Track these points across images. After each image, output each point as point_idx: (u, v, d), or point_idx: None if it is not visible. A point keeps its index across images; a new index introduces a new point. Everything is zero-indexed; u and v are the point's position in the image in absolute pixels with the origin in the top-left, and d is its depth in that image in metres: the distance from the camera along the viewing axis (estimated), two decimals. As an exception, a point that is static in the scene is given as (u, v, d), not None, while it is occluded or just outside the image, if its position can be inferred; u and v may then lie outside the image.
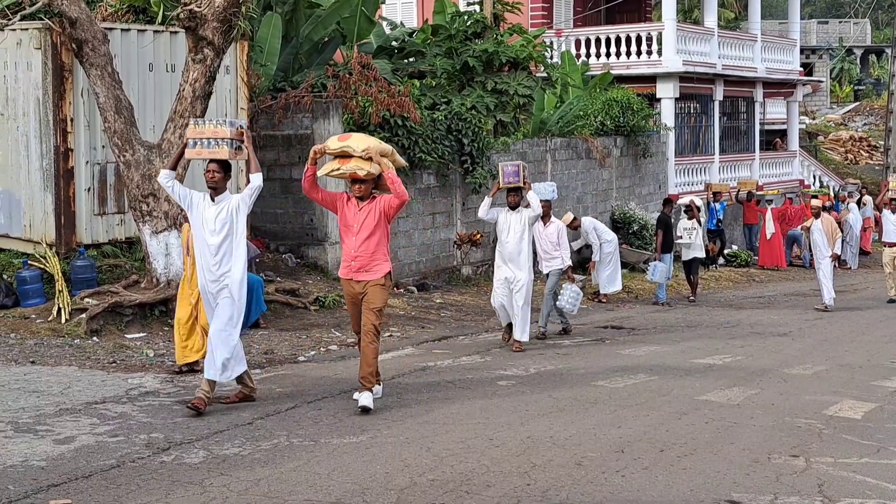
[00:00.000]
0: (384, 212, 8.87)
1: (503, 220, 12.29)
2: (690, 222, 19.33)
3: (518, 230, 12.18)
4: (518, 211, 12.23)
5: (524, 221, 12.20)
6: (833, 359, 12.31)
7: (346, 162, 8.72)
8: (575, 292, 13.60)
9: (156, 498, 6.22)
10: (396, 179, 8.84)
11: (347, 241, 8.92)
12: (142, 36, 13.56)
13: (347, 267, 8.93)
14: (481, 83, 20.12)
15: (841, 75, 52.11)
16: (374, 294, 8.84)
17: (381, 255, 8.89)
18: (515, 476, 6.82)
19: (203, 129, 8.70)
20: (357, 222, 8.85)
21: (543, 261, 13.82)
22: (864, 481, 6.88)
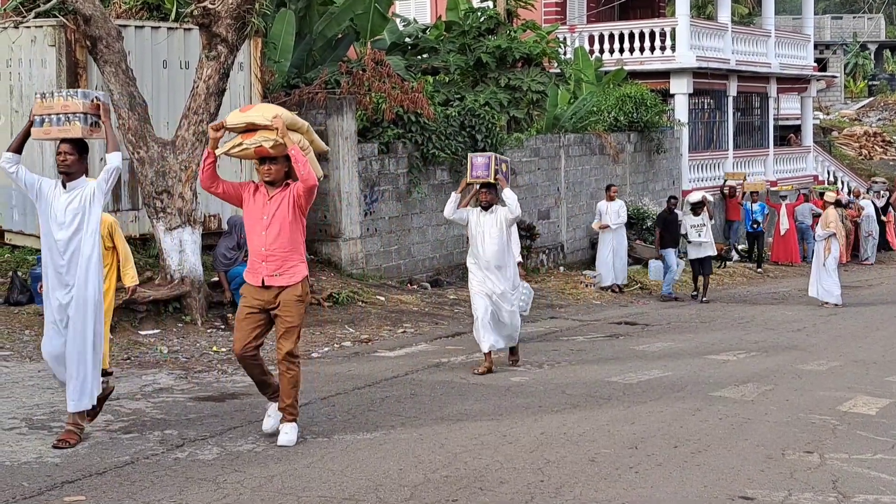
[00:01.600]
0: (296, 201, 7.44)
1: (475, 223, 10.45)
2: (699, 218, 18.33)
3: (495, 234, 10.37)
4: (492, 211, 10.42)
5: (500, 223, 10.38)
6: (847, 355, 12.26)
7: (250, 136, 7.33)
8: (526, 289, 11.99)
9: (169, 494, 6.23)
10: (302, 159, 7.33)
11: (255, 239, 7.45)
12: (156, 33, 13.59)
13: (255, 270, 7.44)
14: (494, 79, 20.12)
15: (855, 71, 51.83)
16: (289, 308, 7.37)
17: (298, 254, 7.51)
18: (529, 472, 6.81)
19: (51, 103, 7.35)
20: (267, 214, 7.39)
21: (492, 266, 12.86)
22: (879, 477, 6.85)
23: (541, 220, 20.29)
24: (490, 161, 10.38)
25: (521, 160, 19.78)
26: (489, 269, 10.40)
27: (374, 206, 16.51)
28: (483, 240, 10.38)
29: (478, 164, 10.43)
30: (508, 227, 10.46)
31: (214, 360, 10.69)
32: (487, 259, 10.39)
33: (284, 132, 7.22)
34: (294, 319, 7.39)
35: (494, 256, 10.37)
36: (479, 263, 10.46)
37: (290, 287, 7.40)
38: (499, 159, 10.50)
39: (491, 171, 10.34)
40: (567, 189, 21.13)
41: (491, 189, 10.42)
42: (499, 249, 10.37)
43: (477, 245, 10.44)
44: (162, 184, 12.14)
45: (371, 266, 16.36)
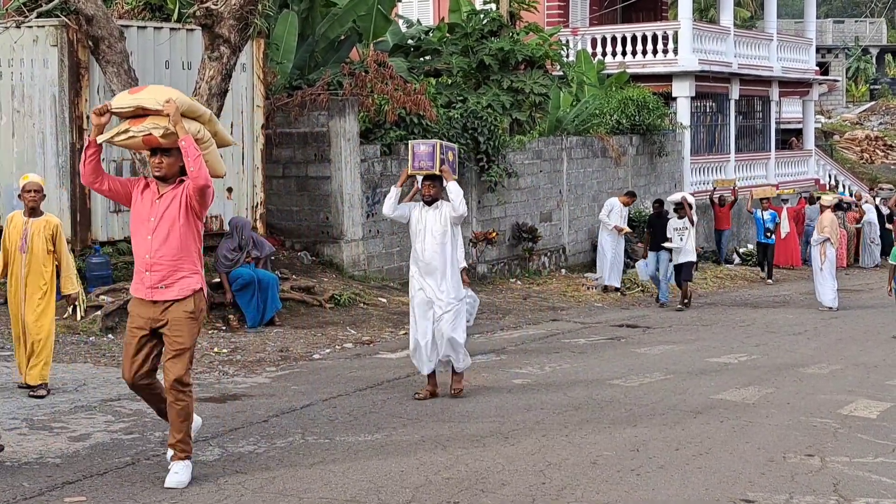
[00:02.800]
0: (189, 202, 6.43)
1: (416, 220, 9.23)
2: (681, 221, 17.33)
3: (437, 233, 9.12)
4: (437, 207, 9.19)
5: (445, 221, 9.16)
6: (848, 358, 12.26)
7: (139, 122, 6.38)
8: (471, 297, 10.87)
9: (170, 496, 6.23)
10: (194, 152, 6.30)
11: (140, 244, 6.50)
12: (158, 33, 13.59)
13: (140, 281, 6.51)
14: (497, 81, 20.11)
15: (857, 75, 51.83)
16: (178, 327, 6.40)
17: (189, 263, 6.47)
18: (530, 474, 6.81)
19: None
20: (155, 215, 6.43)
21: None
22: (880, 481, 6.84)
23: (543, 223, 20.29)
24: (435, 149, 9.11)
25: (524, 162, 19.78)
26: (429, 273, 9.14)
27: (377, 208, 16.50)
28: (424, 238, 9.16)
29: (421, 153, 9.18)
30: (453, 226, 9.25)
31: (216, 362, 10.69)
32: (427, 261, 9.13)
33: (177, 119, 6.28)
34: (184, 340, 6.40)
35: (435, 258, 9.13)
36: (417, 266, 9.24)
37: (179, 302, 6.41)
38: (445, 147, 9.24)
39: (436, 161, 9.08)
40: (569, 192, 21.13)
41: (436, 181, 9.18)
42: (441, 251, 9.12)
43: (416, 245, 9.21)
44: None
45: (373, 267, 16.36)
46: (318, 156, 15.78)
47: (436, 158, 9.11)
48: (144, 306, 6.49)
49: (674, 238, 17.31)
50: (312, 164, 15.84)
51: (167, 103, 6.29)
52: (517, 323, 14.64)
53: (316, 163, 15.81)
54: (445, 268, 9.17)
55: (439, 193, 9.25)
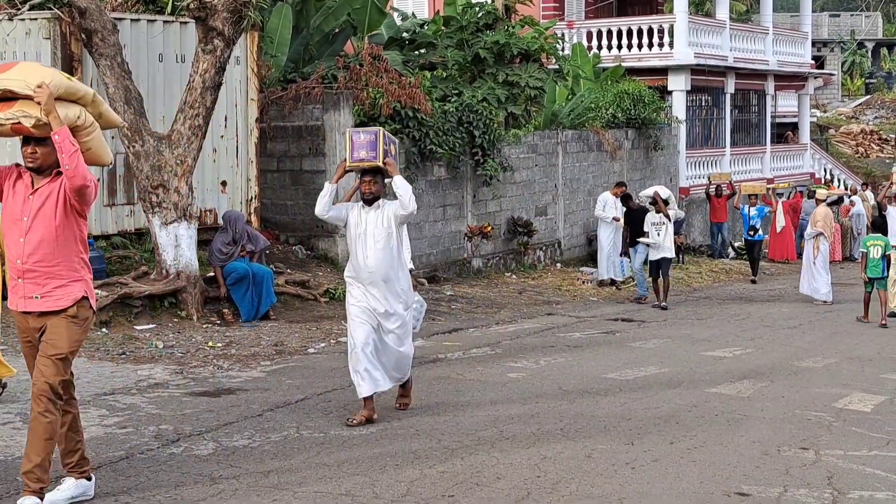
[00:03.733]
0: (67, 198, 5.64)
1: (355, 223, 8.02)
2: (658, 216, 16.70)
3: (381, 237, 7.94)
4: (379, 207, 8.00)
5: (388, 222, 7.98)
6: (843, 352, 12.27)
7: (6, 107, 5.57)
8: (418, 303, 9.91)
9: (165, 490, 6.22)
10: (70, 148, 5.48)
11: (12, 247, 5.69)
12: (151, 26, 13.54)
13: (13, 290, 5.74)
14: (492, 75, 20.07)
15: (852, 68, 51.84)
16: (56, 331, 5.64)
17: (68, 269, 5.69)
18: (525, 468, 6.80)
19: None
20: (28, 213, 5.65)
21: None
22: (874, 474, 6.85)
23: (538, 217, 20.28)
24: (377, 139, 7.91)
25: (519, 156, 19.75)
26: (373, 283, 7.96)
27: (371, 202, 16.46)
28: (365, 244, 7.95)
29: (360, 143, 7.94)
30: (399, 226, 8.08)
31: (210, 356, 10.67)
32: (371, 270, 7.93)
33: (50, 108, 5.45)
34: (60, 344, 5.61)
35: (380, 266, 7.93)
36: (358, 276, 8.01)
37: (57, 314, 5.66)
38: (387, 137, 8.04)
39: (378, 152, 7.89)
40: (564, 185, 21.11)
41: (377, 177, 8.01)
42: (385, 257, 7.95)
43: (357, 252, 8.00)
44: (157, 178, 12.11)
45: (367, 261, 16.31)
46: (313, 149, 15.74)
47: (378, 149, 7.88)
48: (22, 318, 5.76)
49: (650, 233, 16.69)
50: (307, 158, 15.81)
51: (39, 89, 5.46)
52: (512, 317, 14.63)
53: (310, 156, 15.78)
54: (390, 275, 8.00)
55: (381, 191, 8.07)
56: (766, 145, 30.10)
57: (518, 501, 6.13)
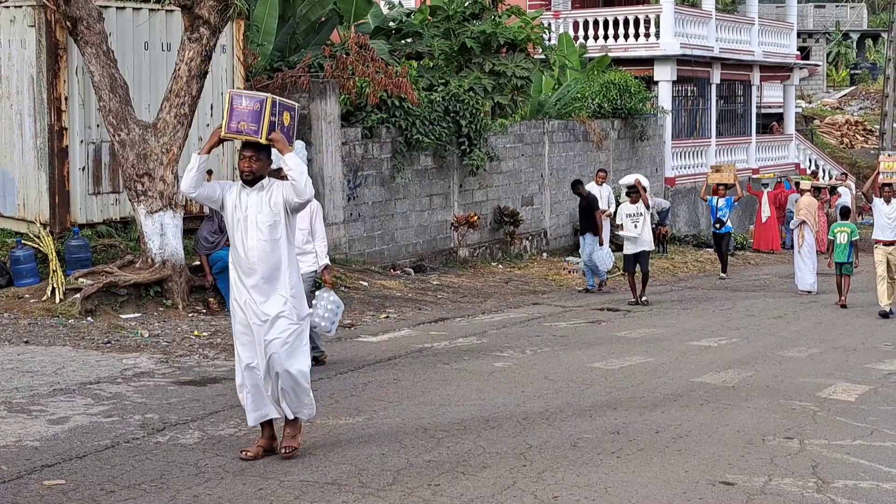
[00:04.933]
0: None
1: (233, 205, 6.71)
2: (635, 207, 15.67)
3: (264, 224, 6.63)
4: (263, 188, 6.68)
5: (276, 208, 6.65)
6: (827, 341, 12.33)
7: None
8: (333, 303, 9.29)
9: (150, 478, 6.21)
10: None
11: None
12: (137, 14, 13.47)
13: None
14: (479, 65, 20.07)
15: (837, 59, 52.00)
16: None
17: None
18: (511, 457, 6.82)
19: None
20: None
21: None
22: (858, 463, 6.89)
23: (524, 207, 20.30)
24: (263, 107, 6.53)
25: (505, 146, 19.76)
26: (253, 284, 6.64)
27: (358, 192, 16.46)
28: (245, 231, 6.64)
29: (241, 110, 6.56)
30: (291, 214, 6.74)
31: (196, 345, 10.65)
32: (251, 264, 6.62)
33: None
34: None
35: (262, 260, 6.62)
36: (239, 269, 6.70)
37: None
38: (279, 104, 6.64)
39: (262, 126, 6.53)
40: (551, 175, 21.13)
41: (261, 153, 6.68)
42: (269, 250, 6.62)
43: (236, 241, 6.70)
44: (143, 167, 12.06)
45: (354, 251, 16.32)
46: (299, 138, 15.69)
47: (262, 121, 6.53)
48: None
49: (626, 225, 15.69)
50: (293, 147, 15.76)
51: None
52: (498, 307, 14.65)
53: (297, 145, 15.74)
54: (273, 273, 6.65)
55: (265, 169, 6.74)
56: (752, 136, 30.18)
57: (504, 490, 6.15)
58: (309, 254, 9.28)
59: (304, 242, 9.17)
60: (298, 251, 8.70)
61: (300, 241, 8.88)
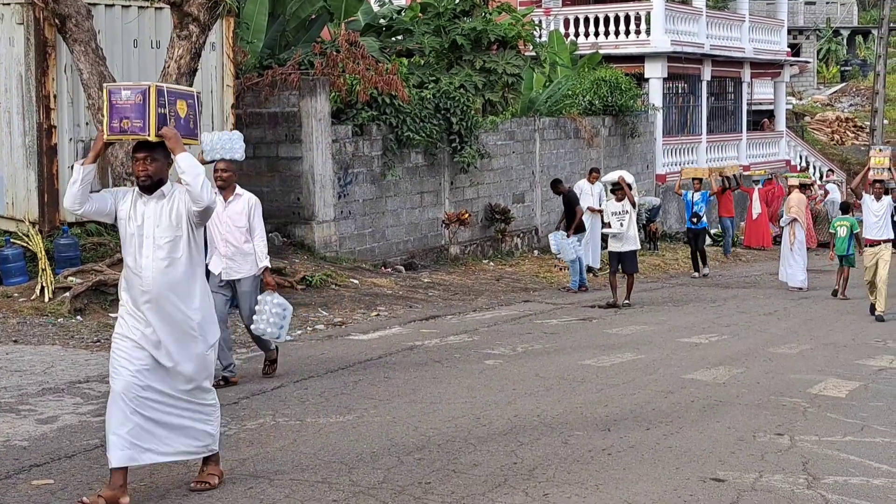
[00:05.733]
0: None
1: (126, 216, 5.78)
2: (620, 205, 15.14)
3: (164, 239, 5.70)
4: (164, 196, 5.75)
5: (176, 218, 5.73)
6: (818, 338, 12.34)
7: None
8: (279, 307, 8.65)
9: (139, 478, 6.17)
10: None
11: None
12: (126, 12, 13.42)
13: None
14: (469, 62, 20.04)
15: (827, 56, 52.06)
16: None
17: None
18: (502, 455, 6.81)
19: None
20: None
21: (226, 259, 8.60)
22: (848, 459, 6.90)
23: (515, 204, 20.29)
24: (146, 98, 5.58)
25: (496, 143, 19.74)
26: (149, 306, 5.66)
27: (348, 189, 16.43)
28: (140, 248, 5.69)
29: (122, 106, 5.63)
30: (196, 226, 5.78)
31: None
32: (146, 285, 5.65)
33: None
34: None
35: (159, 279, 5.65)
36: (131, 293, 5.72)
37: None
38: (168, 93, 5.71)
39: (149, 120, 5.60)
40: (542, 173, 21.12)
41: (156, 152, 5.72)
42: (168, 271, 5.67)
43: (128, 259, 5.74)
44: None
45: (345, 249, 16.29)
46: (289, 136, 15.67)
47: (148, 114, 5.58)
48: None
49: (612, 224, 15.15)
50: (283, 145, 15.74)
51: None
52: (489, 304, 14.64)
53: (287, 143, 15.71)
54: (179, 301, 5.69)
55: (164, 171, 5.76)
56: (742, 133, 30.23)
57: (495, 488, 6.13)
58: (248, 254, 8.60)
59: (244, 242, 8.56)
60: (235, 251, 8.52)
61: (239, 242, 8.52)
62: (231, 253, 8.55)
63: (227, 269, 8.59)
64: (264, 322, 8.61)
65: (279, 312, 8.61)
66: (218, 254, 8.59)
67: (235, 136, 8.52)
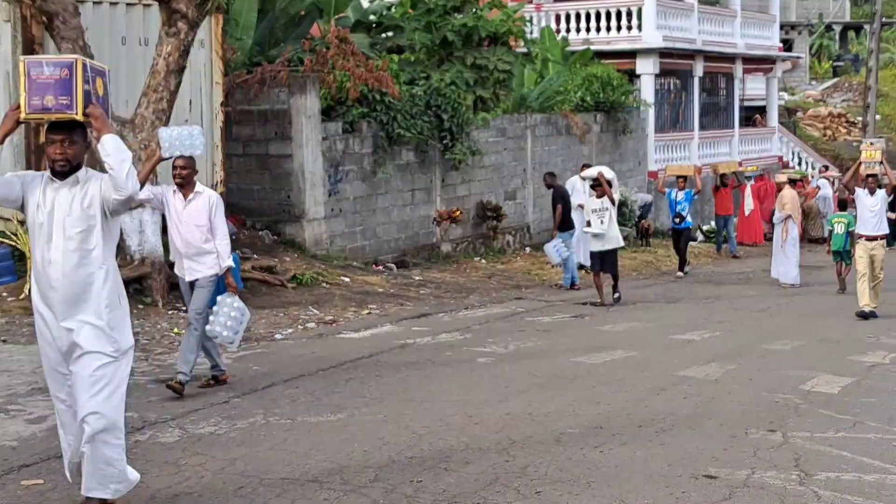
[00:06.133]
0: None
1: (35, 204, 5.29)
2: (600, 202, 14.64)
3: (75, 229, 5.24)
4: (77, 183, 5.27)
5: (93, 207, 5.26)
6: (811, 334, 12.33)
7: None
8: (237, 310, 8.22)
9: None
10: None
11: None
12: (114, 9, 13.35)
13: None
14: (460, 58, 20.01)
15: (820, 51, 52.11)
16: None
17: None
18: (494, 453, 6.77)
19: None
20: None
21: (185, 260, 8.27)
22: (841, 455, 6.87)
23: (507, 201, 20.25)
24: (73, 73, 5.08)
25: (488, 140, 19.70)
26: (54, 307, 5.23)
27: (339, 187, 16.38)
28: (49, 240, 5.23)
29: (44, 81, 5.10)
30: (111, 216, 5.31)
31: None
32: (52, 282, 5.21)
33: None
34: None
35: (67, 277, 5.20)
36: (41, 290, 5.29)
37: None
38: (91, 68, 5.22)
39: (76, 97, 5.10)
40: (533, 169, 21.09)
41: (75, 133, 5.26)
42: (78, 264, 5.21)
43: (35, 251, 5.30)
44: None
45: (335, 247, 16.25)
46: (279, 133, 15.62)
47: (75, 91, 5.08)
48: None
49: (593, 222, 14.65)
50: (273, 142, 15.68)
51: None
52: (482, 301, 14.61)
53: (277, 141, 15.66)
54: (88, 296, 5.23)
55: (82, 155, 5.31)
56: (735, 128, 30.24)
57: (487, 486, 6.10)
58: (209, 254, 8.19)
59: (204, 241, 8.18)
60: (196, 251, 8.11)
61: (199, 241, 8.16)
62: (192, 253, 8.23)
63: (189, 269, 8.27)
64: (220, 324, 8.16)
65: (237, 317, 8.19)
66: (178, 254, 8.32)
67: (195, 130, 8.16)
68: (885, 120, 40.54)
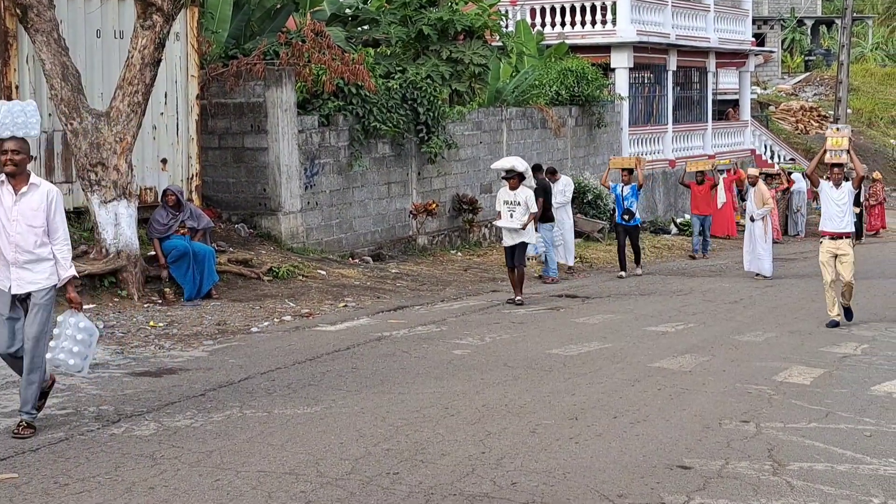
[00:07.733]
0: None
1: None
2: (513, 194, 13.90)
3: None
4: None
5: None
6: (783, 326, 12.45)
7: None
8: (85, 331, 7.04)
9: (105, 471, 6.13)
10: None
11: None
12: (89, 2, 13.27)
13: None
14: (436, 52, 19.99)
15: (792, 46, 52.43)
16: None
17: None
18: (470, 444, 6.82)
19: None
20: None
21: (14, 269, 6.77)
22: (813, 445, 6.96)
23: (483, 194, 20.28)
24: None
25: (464, 133, 19.73)
26: None
27: (315, 180, 16.36)
28: None
29: None
30: None
31: (151, 335, 10.54)
32: None
33: None
34: None
35: None
36: None
37: None
38: None
39: None
40: (508, 162, 21.10)
41: None
42: None
43: None
44: (96, 156, 11.90)
45: (312, 240, 16.23)
46: (255, 127, 15.58)
47: None
48: None
49: (503, 214, 13.93)
50: (249, 135, 15.64)
51: None
52: (457, 294, 14.65)
53: (252, 134, 15.61)
54: None
55: None
56: (708, 122, 30.41)
57: (463, 477, 6.14)
58: (44, 261, 6.77)
59: (38, 246, 6.72)
60: (28, 258, 6.67)
61: (32, 245, 6.68)
62: (24, 261, 6.70)
63: (18, 279, 6.71)
64: (65, 351, 6.87)
65: (84, 339, 6.90)
66: (5, 263, 6.72)
67: (30, 107, 6.80)
68: (857, 113, 40.88)
